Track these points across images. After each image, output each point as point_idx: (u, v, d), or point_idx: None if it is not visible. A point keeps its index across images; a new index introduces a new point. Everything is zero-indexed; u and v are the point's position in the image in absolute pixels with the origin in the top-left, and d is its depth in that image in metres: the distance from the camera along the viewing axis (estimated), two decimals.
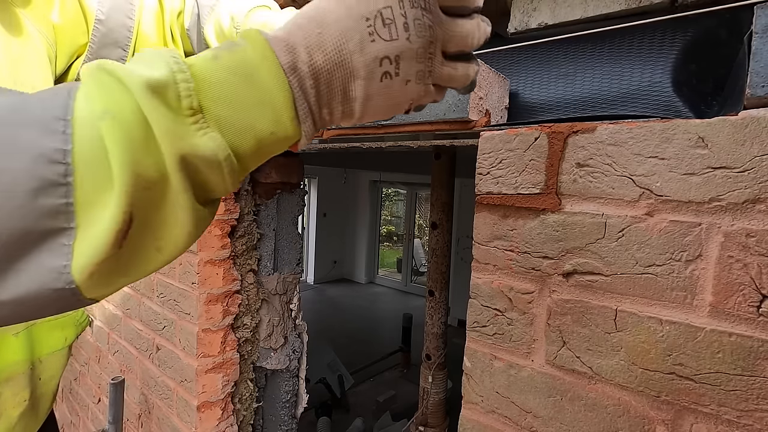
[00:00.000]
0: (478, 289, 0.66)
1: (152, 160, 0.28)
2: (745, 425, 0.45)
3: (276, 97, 0.31)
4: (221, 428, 1.30)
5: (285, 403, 1.52)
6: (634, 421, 0.52)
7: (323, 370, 4.03)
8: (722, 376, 0.46)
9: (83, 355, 1.93)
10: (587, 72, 0.66)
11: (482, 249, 0.66)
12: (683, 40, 0.60)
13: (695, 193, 0.47)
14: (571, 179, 0.56)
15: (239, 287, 1.32)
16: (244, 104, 0.31)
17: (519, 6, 0.75)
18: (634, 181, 0.52)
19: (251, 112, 0.31)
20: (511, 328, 0.63)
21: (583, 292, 0.56)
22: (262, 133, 0.32)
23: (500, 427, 0.64)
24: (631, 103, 0.60)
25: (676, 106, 0.56)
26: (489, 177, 0.64)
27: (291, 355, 1.49)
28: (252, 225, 1.37)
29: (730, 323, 0.46)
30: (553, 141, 0.58)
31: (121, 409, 1.33)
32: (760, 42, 0.45)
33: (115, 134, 0.27)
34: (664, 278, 0.50)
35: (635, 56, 0.62)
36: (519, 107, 0.71)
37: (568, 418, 0.58)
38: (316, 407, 3.66)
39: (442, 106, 0.64)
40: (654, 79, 0.59)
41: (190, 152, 0.29)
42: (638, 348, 0.52)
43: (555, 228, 0.58)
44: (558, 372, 0.59)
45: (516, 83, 0.72)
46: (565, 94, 0.67)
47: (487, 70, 0.64)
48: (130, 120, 0.28)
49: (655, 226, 0.50)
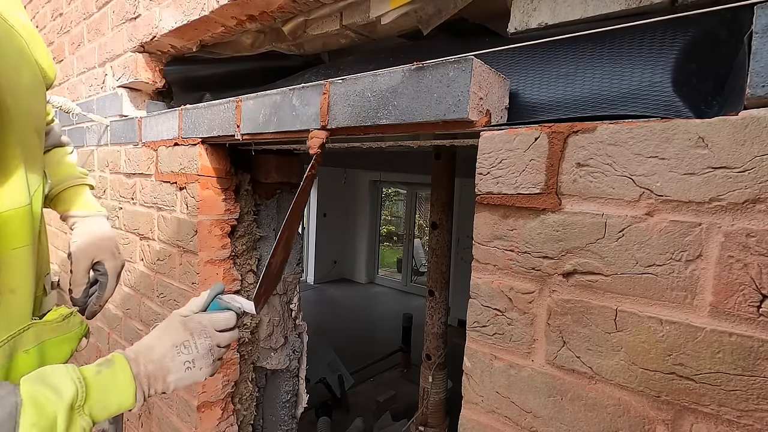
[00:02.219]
0: (478, 289, 0.66)
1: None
2: (746, 425, 0.45)
3: (125, 393, 0.61)
4: (221, 428, 1.30)
5: (285, 403, 1.52)
6: (634, 421, 0.52)
7: (323, 370, 4.03)
8: (722, 376, 0.46)
9: (83, 356, 1.93)
10: (587, 72, 0.66)
11: (482, 249, 0.66)
12: (683, 40, 0.60)
13: (695, 193, 0.47)
14: (571, 179, 0.56)
15: (239, 287, 1.32)
16: (108, 399, 0.58)
17: (519, 6, 0.75)
18: (634, 181, 0.52)
19: (111, 403, 0.59)
20: (511, 328, 0.63)
21: (584, 292, 0.56)
22: (112, 412, 0.59)
23: (500, 427, 0.64)
24: (631, 103, 0.60)
25: (676, 106, 0.56)
26: (489, 177, 0.64)
27: (291, 355, 1.49)
28: (252, 225, 1.37)
29: (730, 323, 0.46)
30: (553, 141, 0.58)
31: None
32: (760, 42, 0.45)
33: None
34: (664, 278, 0.50)
35: (635, 56, 0.62)
36: (519, 107, 0.71)
37: (568, 418, 0.58)
38: (316, 407, 3.65)
39: (442, 106, 0.64)
40: (654, 79, 0.59)
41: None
42: (638, 348, 0.52)
43: (555, 228, 0.58)
44: (558, 372, 0.59)
45: (516, 83, 0.72)
46: (565, 94, 0.67)
47: (487, 70, 0.64)
48: (49, 430, 0.50)
49: (655, 226, 0.50)
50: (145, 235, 1.47)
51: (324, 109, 0.82)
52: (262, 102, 0.97)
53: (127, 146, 1.57)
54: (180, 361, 0.66)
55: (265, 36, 1.27)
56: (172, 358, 0.66)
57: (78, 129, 2.00)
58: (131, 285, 1.59)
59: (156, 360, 0.65)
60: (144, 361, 0.64)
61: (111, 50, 1.68)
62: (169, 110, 1.30)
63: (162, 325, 0.70)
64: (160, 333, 0.68)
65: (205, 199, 1.20)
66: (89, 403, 0.56)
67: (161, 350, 0.66)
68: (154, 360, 0.65)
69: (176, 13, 1.28)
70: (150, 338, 0.68)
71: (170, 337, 0.67)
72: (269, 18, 1.13)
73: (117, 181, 1.66)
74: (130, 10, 1.52)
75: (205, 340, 0.69)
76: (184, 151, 1.24)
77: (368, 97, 0.74)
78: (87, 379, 0.57)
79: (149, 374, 0.64)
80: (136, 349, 0.66)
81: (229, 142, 1.18)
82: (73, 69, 2.04)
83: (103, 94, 1.76)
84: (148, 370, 0.64)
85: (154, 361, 0.64)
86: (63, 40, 2.11)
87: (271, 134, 0.96)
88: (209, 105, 1.12)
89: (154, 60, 1.57)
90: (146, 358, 0.64)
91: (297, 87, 0.89)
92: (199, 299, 0.74)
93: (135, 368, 0.62)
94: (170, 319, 0.71)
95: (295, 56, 1.32)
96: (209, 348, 0.69)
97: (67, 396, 0.53)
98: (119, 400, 0.60)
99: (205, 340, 0.69)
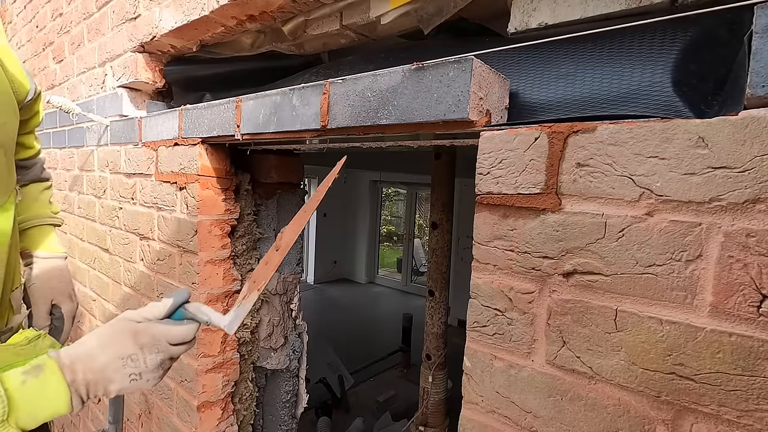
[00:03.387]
0: (478, 289, 0.66)
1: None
2: (746, 425, 0.45)
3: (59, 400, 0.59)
4: (221, 428, 1.30)
5: (285, 403, 1.52)
6: (634, 421, 0.52)
7: (323, 370, 4.03)
8: (722, 376, 0.46)
9: None
10: (587, 72, 0.66)
11: (482, 249, 0.66)
12: (683, 40, 0.59)
13: (695, 193, 0.47)
14: (572, 179, 0.56)
15: (239, 287, 1.32)
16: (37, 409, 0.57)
17: (519, 6, 0.75)
18: (634, 181, 0.52)
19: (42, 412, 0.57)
20: (512, 328, 0.63)
21: (584, 292, 0.56)
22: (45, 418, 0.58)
23: (500, 427, 0.64)
24: (631, 103, 0.59)
25: (676, 106, 0.55)
26: (489, 177, 0.64)
27: (291, 355, 1.49)
28: (252, 225, 1.37)
29: (730, 323, 0.46)
30: (554, 141, 0.58)
31: (122, 409, 1.33)
32: (760, 42, 0.45)
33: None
34: (664, 278, 0.50)
35: (635, 56, 0.62)
36: (519, 107, 0.71)
37: (568, 418, 0.58)
38: (316, 407, 3.66)
39: (442, 106, 0.64)
40: (654, 79, 0.59)
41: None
42: (638, 348, 0.52)
43: (555, 228, 0.58)
44: (558, 372, 0.58)
45: (516, 83, 0.72)
46: (565, 94, 0.67)
47: (487, 70, 0.64)
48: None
49: (655, 226, 0.50)
50: (145, 235, 1.47)
51: (324, 109, 0.82)
52: (262, 102, 0.97)
53: (127, 146, 1.57)
54: (125, 373, 0.63)
55: (265, 36, 1.27)
56: (115, 369, 0.62)
57: (78, 129, 2.00)
58: (131, 285, 1.59)
59: (97, 370, 0.62)
60: (83, 369, 0.61)
61: (111, 50, 1.68)
62: (169, 110, 1.30)
63: (107, 330, 0.65)
64: (106, 341, 0.64)
65: (205, 199, 1.20)
66: (15, 415, 0.55)
67: (104, 360, 0.62)
68: (94, 369, 0.61)
69: (176, 13, 1.28)
70: (91, 346, 0.63)
71: (116, 348, 0.63)
72: (269, 18, 1.13)
73: (117, 181, 1.66)
74: (130, 10, 1.52)
75: (156, 355, 0.65)
76: (184, 151, 1.24)
77: (368, 97, 0.74)
78: (9, 392, 0.55)
79: (88, 382, 0.61)
80: (73, 354, 0.62)
81: (229, 142, 1.18)
82: (73, 69, 2.04)
83: (103, 94, 1.76)
84: (87, 378, 0.61)
85: (95, 371, 0.61)
86: (63, 40, 2.11)
87: (271, 134, 0.96)
88: (209, 105, 1.12)
89: (154, 60, 1.57)
90: (85, 366, 0.61)
91: (297, 87, 0.89)
92: (159, 305, 0.68)
93: (70, 376, 0.60)
94: (118, 324, 0.66)
95: (295, 56, 1.32)
96: (159, 363, 0.65)
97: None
98: (52, 408, 0.58)
99: (156, 356, 0.64)
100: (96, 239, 1.88)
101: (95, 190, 1.86)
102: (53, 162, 2.34)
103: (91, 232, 1.92)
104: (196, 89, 1.54)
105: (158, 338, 0.65)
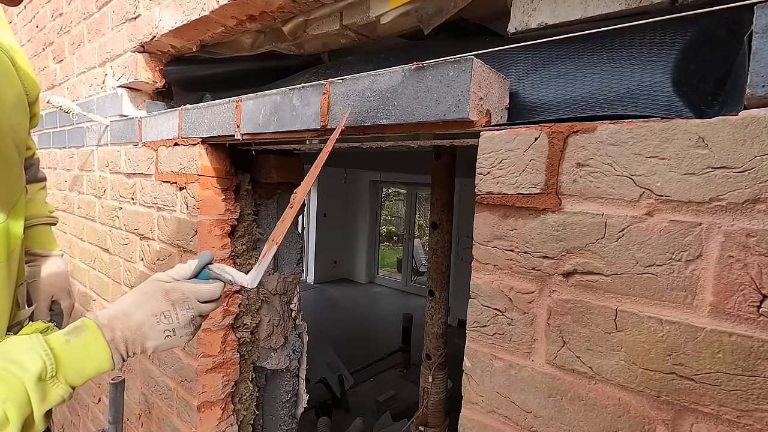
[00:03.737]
0: (478, 289, 0.66)
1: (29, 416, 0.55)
2: (746, 425, 0.45)
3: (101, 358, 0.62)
4: (221, 428, 1.30)
5: (285, 403, 1.52)
6: (634, 421, 0.52)
7: (323, 370, 4.03)
8: (722, 376, 0.46)
9: None
10: (587, 72, 0.66)
11: (482, 249, 0.66)
12: (683, 40, 0.59)
13: (695, 193, 0.47)
14: (572, 179, 0.56)
15: (239, 287, 1.32)
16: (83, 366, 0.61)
17: (519, 6, 0.75)
18: (634, 181, 0.52)
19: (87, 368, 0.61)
20: (512, 328, 0.63)
21: (584, 292, 0.56)
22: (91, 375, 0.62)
23: (500, 427, 0.64)
24: (631, 103, 0.59)
25: (676, 106, 0.55)
26: (489, 177, 0.64)
27: (291, 355, 1.49)
28: (252, 225, 1.37)
29: (730, 323, 0.46)
30: (554, 141, 0.58)
31: (122, 409, 1.33)
32: (760, 42, 0.45)
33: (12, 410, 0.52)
34: (664, 278, 0.50)
35: (635, 56, 0.62)
36: (519, 107, 0.71)
37: (568, 418, 0.58)
38: (316, 407, 3.66)
39: (442, 106, 0.64)
40: (654, 79, 0.59)
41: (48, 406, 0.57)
42: (638, 348, 0.52)
43: (555, 228, 0.58)
44: (558, 372, 0.58)
45: (516, 83, 0.72)
46: (565, 94, 0.67)
47: (487, 70, 0.64)
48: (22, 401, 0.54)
49: (655, 226, 0.50)
50: (145, 235, 1.47)
51: (324, 109, 0.82)
52: (262, 102, 0.97)
53: (127, 146, 1.57)
54: (159, 330, 0.66)
55: (265, 36, 1.27)
56: (151, 326, 0.66)
57: (78, 129, 2.00)
58: (131, 285, 1.59)
59: (134, 327, 0.65)
60: (121, 327, 0.64)
61: (111, 50, 1.68)
62: (169, 110, 1.30)
63: (140, 291, 0.69)
64: (140, 300, 0.67)
65: (205, 199, 1.20)
66: (63, 371, 0.58)
67: (140, 318, 0.65)
68: (131, 327, 0.65)
69: (176, 13, 1.28)
70: (127, 304, 0.67)
71: (150, 306, 0.67)
72: (269, 18, 1.13)
73: (117, 181, 1.66)
74: (130, 10, 1.52)
75: (187, 311, 0.68)
76: (184, 151, 1.24)
77: (368, 97, 0.74)
78: (55, 350, 0.58)
79: (126, 339, 0.64)
80: (111, 314, 0.65)
81: (229, 142, 1.18)
82: (73, 69, 2.04)
83: (103, 94, 1.76)
84: (125, 335, 0.64)
85: (132, 328, 0.65)
86: (63, 40, 2.11)
87: (271, 134, 0.96)
88: (209, 105, 1.12)
89: (154, 60, 1.57)
90: (123, 325, 0.64)
91: (297, 87, 0.89)
92: (185, 266, 0.72)
93: (109, 334, 0.63)
94: (150, 285, 0.69)
95: (295, 56, 1.32)
96: (190, 319, 0.69)
97: (34, 369, 0.55)
98: (96, 365, 0.62)
99: (186, 312, 0.68)
100: (96, 239, 1.88)
101: (95, 190, 1.86)
102: (53, 162, 2.34)
103: (91, 232, 1.92)
104: (196, 89, 1.54)
105: (188, 295, 0.69)
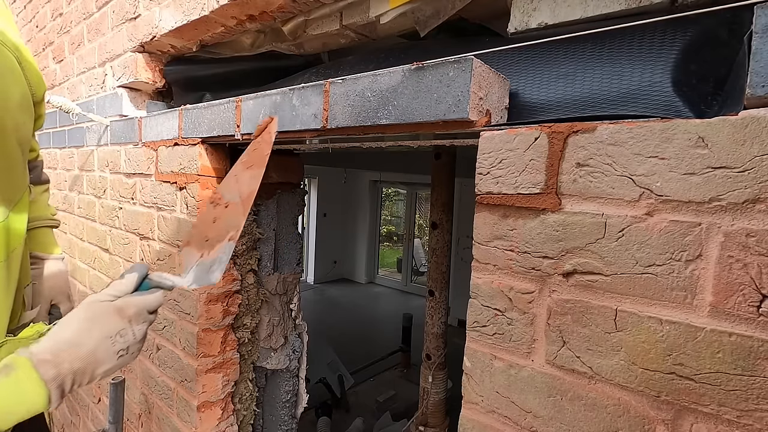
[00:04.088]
0: (478, 289, 0.66)
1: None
2: (745, 425, 0.45)
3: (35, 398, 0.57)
4: (221, 428, 1.30)
5: (285, 403, 1.52)
6: (634, 421, 0.52)
7: (323, 370, 4.03)
8: (722, 376, 0.46)
9: None
10: (587, 72, 0.66)
11: (482, 249, 0.66)
12: (683, 40, 0.60)
13: (695, 193, 0.47)
14: (571, 179, 0.56)
15: (239, 287, 1.32)
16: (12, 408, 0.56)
17: (519, 6, 0.75)
18: (634, 181, 0.52)
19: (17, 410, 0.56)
20: (511, 327, 0.63)
21: (583, 291, 0.56)
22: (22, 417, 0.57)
23: (500, 427, 0.64)
24: (631, 103, 0.59)
25: (676, 106, 0.55)
26: (489, 177, 0.64)
27: (291, 355, 1.49)
28: (252, 225, 1.37)
29: (730, 323, 0.46)
30: (553, 141, 0.58)
31: (122, 409, 1.33)
32: (760, 42, 0.45)
33: None
34: (664, 278, 0.50)
35: (635, 56, 0.62)
36: (519, 107, 0.71)
37: (568, 418, 0.58)
38: (316, 407, 3.66)
39: (442, 106, 0.64)
40: (654, 79, 0.59)
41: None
42: (638, 348, 0.52)
43: (555, 228, 0.58)
44: (558, 372, 0.59)
45: (516, 83, 0.72)
46: (565, 94, 0.67)
47: (487, 70, 0.64)
48: None
49: (655, 226, 0.50)
50: (145, 235, 1.47)
51: (324, 108, 0.82)
52: (262, 102, 0.97)
53: (127, 146, 1.57)
54: (113, 351, 0.64)
55: (265, 36, 1.27)
56: (105, 350, 0.63)
57: (78, 129, 2.00)
58: None
59: (84, 356, 0.61)
60: (69, 360, 0.60)
61: (111, 50, 1.68)
62: (169, 110, 1.30)
63: (82, 317, 0.64)
64: (86, 326, 0.63)
65: (205, 199, 1.20)
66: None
67: (91, 344, 0.62)
68: (81, 357, 0.61)
69: (176, 13, 1.28)
70: (72, 332, 0.62)
71: (100, 329, 0.63)
72: (269, 18, 1.13)
73: (117, 181, 1.66)
74: (130, 10, 1.52)
75: (143, 325, 0.67)
76: (184, 151, 1.24)
77: (368, 97, 0.74)
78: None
79: (75, 372, 0.60)
80: (53, 347, 0.60)
81: (229, 142, 1.18)
82: (73, 69, 2.04)
83: (103, 94, 1.76)
84: (74, 367, 0.60)
85: (82, 358, 0.61)
86: (63, 40, 2.11)
87: None
88: (209, 105, 1.12)
89: (154, 60, 1.57)
90: (72, 356, 0.60)
91: (297, 87, 0.89)
92: (123, 281, 0.69)
93: (52, 371, 0.58)
94: (92, 307, 0.65)
95: (295, 56, 1.32)
96: (145, 332, 0.68)
97: None
98: (27, 407, 0.57)
99: (143, 325, 0.67)
100: (96, 239, 1.88)
101: (95, 190, 1.86)
102: (53, 162, 2.34)
103: (91, 232, 1.92)
104: (196, 89, 1.54)
105: (141, 308, 0.67)
